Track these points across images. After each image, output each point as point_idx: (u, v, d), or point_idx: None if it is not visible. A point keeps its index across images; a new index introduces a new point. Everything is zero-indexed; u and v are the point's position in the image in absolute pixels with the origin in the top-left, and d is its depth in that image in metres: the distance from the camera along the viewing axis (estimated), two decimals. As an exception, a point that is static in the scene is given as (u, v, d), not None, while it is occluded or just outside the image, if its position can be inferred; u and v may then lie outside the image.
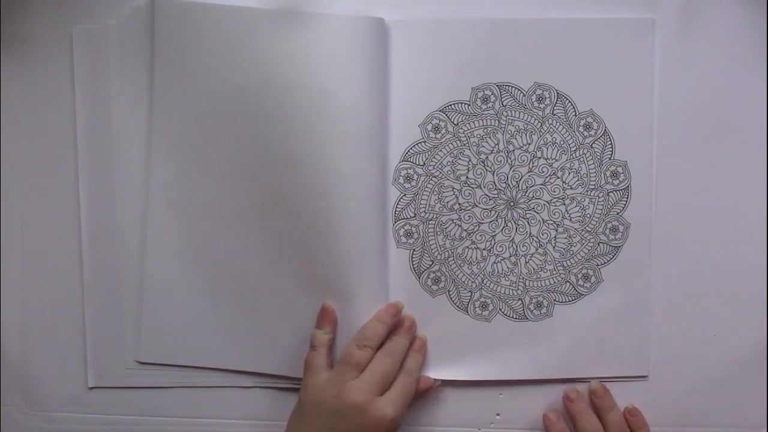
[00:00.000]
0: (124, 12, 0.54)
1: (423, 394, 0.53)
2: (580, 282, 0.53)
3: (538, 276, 0.53)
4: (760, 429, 0.53)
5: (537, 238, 0.53)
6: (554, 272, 0.53)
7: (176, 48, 0.52)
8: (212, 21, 0.51)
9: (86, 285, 0.55)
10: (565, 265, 0.53)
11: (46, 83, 0.54)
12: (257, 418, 0.55)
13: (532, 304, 0.53)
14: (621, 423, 0.52)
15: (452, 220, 0.53)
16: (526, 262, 0.53)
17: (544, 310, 0.53)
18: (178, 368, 0.55)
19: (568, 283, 0.53)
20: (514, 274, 0.53)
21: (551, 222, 0.53)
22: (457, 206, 0.53)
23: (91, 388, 0.55)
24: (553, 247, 0.53)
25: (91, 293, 0.55)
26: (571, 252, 0.53)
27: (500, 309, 0.53)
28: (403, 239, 0.53)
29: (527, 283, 0.53)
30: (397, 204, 0.53)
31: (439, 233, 0.53)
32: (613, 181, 0.53)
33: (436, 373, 0.53)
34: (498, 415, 0.54)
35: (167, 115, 0.53)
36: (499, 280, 0.53)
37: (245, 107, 0.52)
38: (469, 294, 0.53)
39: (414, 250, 0.53)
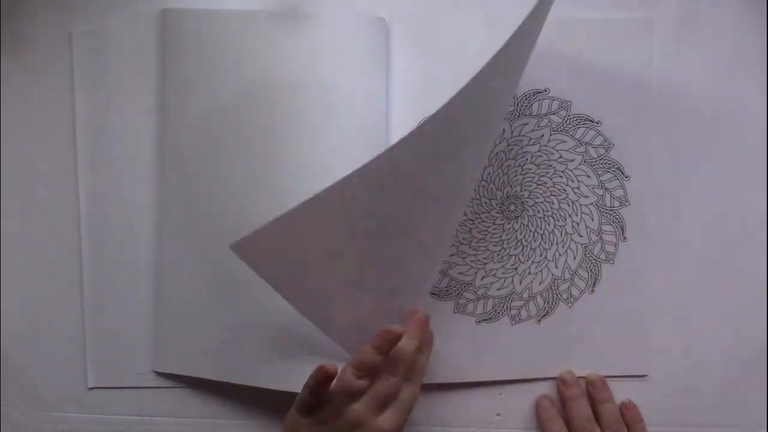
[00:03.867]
0: (123, 13, 0.54)
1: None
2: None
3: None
4: (760, 429, 0.53)
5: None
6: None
7: (184, 56, 0.52)
8: (217, 27, 0.52)
9: (85, 285, 0.55)
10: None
11: (46, 84, 0.55)
12: (257, 418, 0.55)
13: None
14: (615, 416, 0.51)
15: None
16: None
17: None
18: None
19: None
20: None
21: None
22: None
23: (91, 389, 0.55)
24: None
25: (91, 293, 0.55)
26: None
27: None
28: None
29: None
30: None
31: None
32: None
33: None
34: (498, 415, 0.54)
35: (178, 125, 0.53)
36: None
37: (251, 110, 0.51)
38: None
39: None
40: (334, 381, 0.45)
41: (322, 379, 0.45)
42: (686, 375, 0.53)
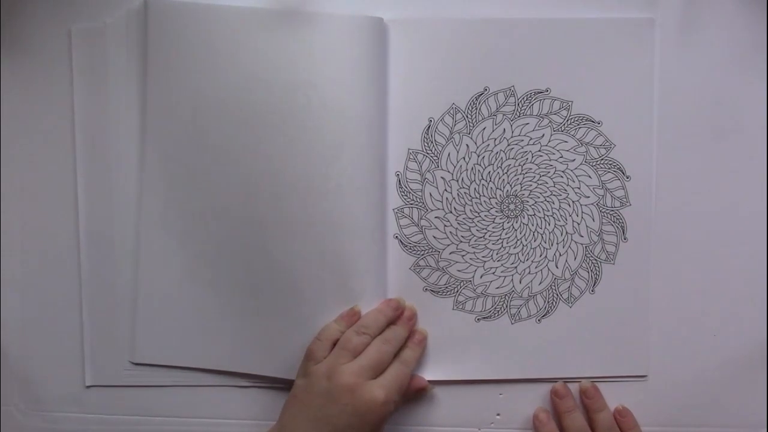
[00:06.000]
0: (122, 10, 0.54)
1: (416, 395, 0.53)
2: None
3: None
4: (760, 429, 0.53)
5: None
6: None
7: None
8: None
9: (84, 285, 0.55)
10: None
11: (45, 82, 0.55)
12: (256, 418, 0.55)
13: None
14: (610, 424, 0.51)
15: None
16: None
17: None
18: (174, 368, 0.55)
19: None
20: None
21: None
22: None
23: (89, 387, 0.55)
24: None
25: (89, 293, 0.55)
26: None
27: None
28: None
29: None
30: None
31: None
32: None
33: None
34: (498, 415, 0.54)
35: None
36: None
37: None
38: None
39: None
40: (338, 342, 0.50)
41: (348, 315, 0.51)
42: (686, 375, 0.53)
